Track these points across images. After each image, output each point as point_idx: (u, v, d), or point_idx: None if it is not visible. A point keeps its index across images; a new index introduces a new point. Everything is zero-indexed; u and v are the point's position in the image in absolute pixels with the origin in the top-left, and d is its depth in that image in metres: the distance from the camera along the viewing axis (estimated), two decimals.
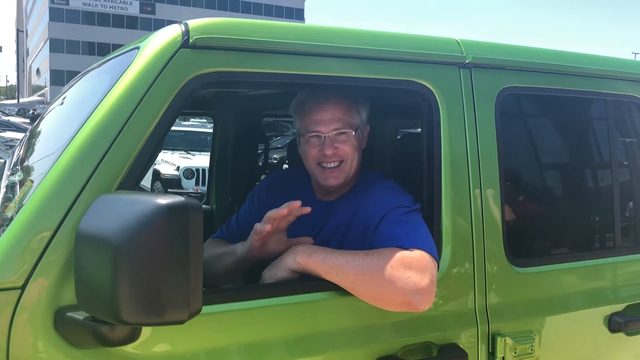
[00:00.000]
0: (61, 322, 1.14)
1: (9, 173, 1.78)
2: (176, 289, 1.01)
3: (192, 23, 1.34)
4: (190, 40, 1.31)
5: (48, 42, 69.02)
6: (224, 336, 1.31)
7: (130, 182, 1.23)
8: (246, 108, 2.88)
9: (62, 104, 1.91)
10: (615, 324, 1.83)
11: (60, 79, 68.05)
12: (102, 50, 67.81)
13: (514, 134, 1.87)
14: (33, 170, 1.49)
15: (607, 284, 1.89)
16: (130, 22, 69.87)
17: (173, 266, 1.01)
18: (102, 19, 69.38)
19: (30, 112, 36.88)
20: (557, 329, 1.74)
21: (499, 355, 1.59)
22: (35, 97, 73.16)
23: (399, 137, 2.36)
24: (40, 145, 1.72)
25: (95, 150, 1.21)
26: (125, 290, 0.99)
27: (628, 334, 1.86)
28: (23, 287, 1.12)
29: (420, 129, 1.76)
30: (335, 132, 1.64)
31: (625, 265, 1.93)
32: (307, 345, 1.38)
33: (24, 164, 1.67)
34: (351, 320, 1.45)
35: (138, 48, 1.36)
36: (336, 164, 1.64)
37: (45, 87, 74.25)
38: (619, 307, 1.86)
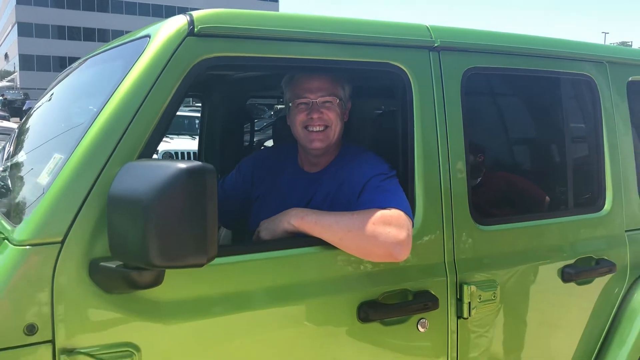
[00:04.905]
0: (95, 271, 1.34)
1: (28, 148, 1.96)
2: (196, 237, 1.22)
3: (196, 14, 1.54)
4: (196, 29, 1.50)
5: (16, 25, 67.43)
6: (230, 284, 1.52)
7: (149, 153, 1.43)
8: (233, 90, 3.06)
9: (72, 86, 2.09)
10: (567, 274, 2.08)
11: (30, 63, 66.66)
12: (73, 34, 66.49)
13: (478, 110, 2.10)
14: (58, 143, 1.67)
15: (560, 241, 2.14)
16: (100, 5, 68.58)
17: (193, 219, 1.22)
18: (72, 2, 67.93)
19: (1, 97, 36.22)
20: (516, 279, 1.99)
21: (466, 300, 1.83)
22: (4, 83, 71.59)
23: (377, 115, 2.59)
24: (61, 121, 1.90)
25: (118, 125, 1.40)
26: (154, 240, 1.19)
27: (578, 284, 2.12)
28: (62, 242, 1.33)
29: (395, 108, 1.98)
30: (321, 98, 1.85)
31: (575, 224, 2.18)
32: (298, 292, 1.60)
33: (46, 139, 1.85)
34: (337, 271, 1.67)
35: (149, 36, 1.55)
36: (321, 128, 1.85)
37: (14, 72, 72.65)
38: (571, 260, 2.12)
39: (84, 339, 1.33)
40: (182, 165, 1.22)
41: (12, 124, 14.37)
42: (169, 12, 67.47)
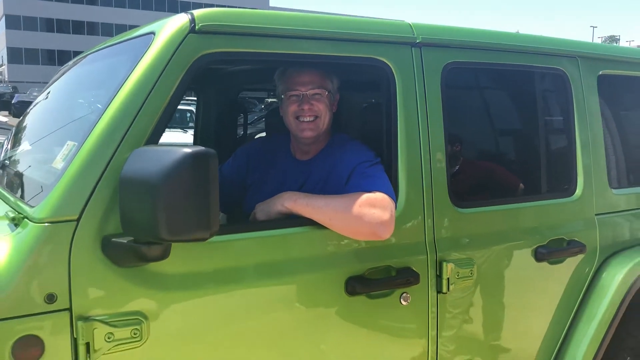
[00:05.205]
0: (107, 246, 1.48)
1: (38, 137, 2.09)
2: (199, 214, 1.36)
3: (197, 12, 1.68)
4: (197, 27, 1.64)
5: (4, 18, 66.83)
6: (229, 260, 1.67)
7: (155, 140, 1.57)
8: (227, 84, 3.20)
9: (80, 78, 2.22)
10: (540, 254, 2.25)
11: (18, 56, 66.09)
12: (62, 27, 65.94)
13: (457, 102, 2.25)
14: (70, 131, 1.81)
15: (534, 223, 2.30)
16: None
17: (197, 197, 1.36)
18: None
19: None
20: (492, 258, 2.15)
21: (445, 276, 1.99)
22: None
23: (364, 106, 2.74)
24: (72, 111, 2.04)
25: (128, 114, 1.54)
26: (162, 216, 1.33)
27: (550, 263, 2.29)
28: (78, 220, 1.47)
29: (379, 100, 2.13)
30: (311, 91, 2.00)
31: (548, 207, 2.35)
32: (291, 268, 1.75)
33: (56, 128, 1.99)
34: (326, 249, 1.83)
35: (153, 33, 1.69)
36: (312, 118, 2.00)
37: (2, 65, 72.03)
38: (544, 241, 2.28)
39: (97, 308, 1.48)
40: (187, 149, 1.36)
41: (2, 117, 14.41)
42: (159, 4, 67.15)
